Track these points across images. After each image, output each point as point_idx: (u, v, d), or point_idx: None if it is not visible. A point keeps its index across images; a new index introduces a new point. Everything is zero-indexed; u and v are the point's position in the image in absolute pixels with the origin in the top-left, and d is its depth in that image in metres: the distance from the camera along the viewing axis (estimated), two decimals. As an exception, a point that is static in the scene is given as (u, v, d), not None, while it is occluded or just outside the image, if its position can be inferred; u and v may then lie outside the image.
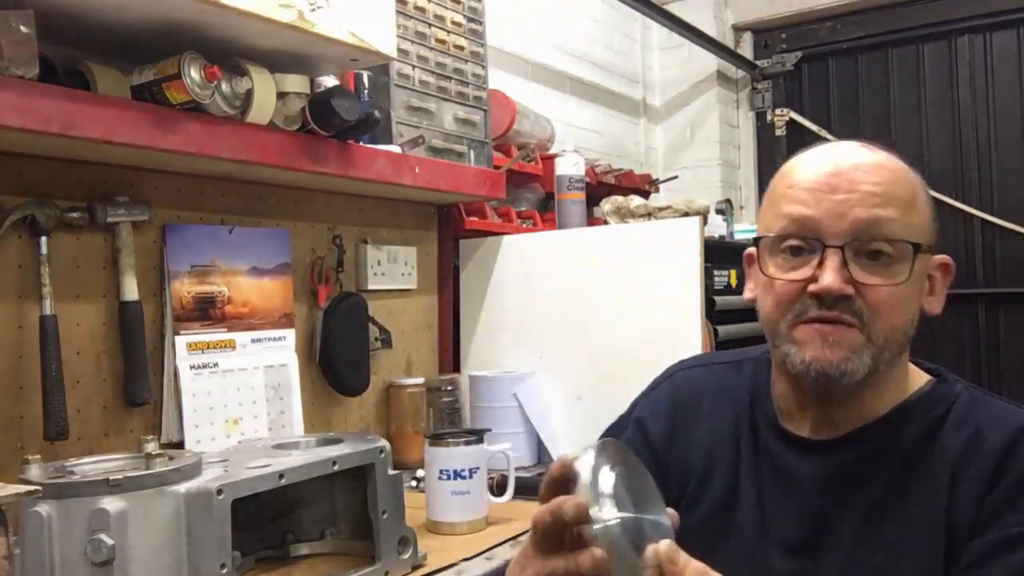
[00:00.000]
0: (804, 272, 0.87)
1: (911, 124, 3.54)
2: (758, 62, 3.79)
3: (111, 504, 0.99)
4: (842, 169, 0.88)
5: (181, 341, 1.53)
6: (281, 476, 1.14)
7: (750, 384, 1.02)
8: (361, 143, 1.67)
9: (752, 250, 0.96)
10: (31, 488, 0.92)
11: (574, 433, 1.95)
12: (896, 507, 0.88)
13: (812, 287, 0.86)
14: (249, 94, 1.40)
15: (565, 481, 0.71)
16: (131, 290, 1.44)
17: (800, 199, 0.89)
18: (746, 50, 3.80)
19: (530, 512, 0.74)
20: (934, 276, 0.93)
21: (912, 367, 0.95)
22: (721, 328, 2.21)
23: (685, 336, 1.87)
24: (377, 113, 1.60)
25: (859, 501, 0.89)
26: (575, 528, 0.69)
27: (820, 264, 0.86)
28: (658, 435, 1.03)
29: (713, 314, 2.13)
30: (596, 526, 0.67)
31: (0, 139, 1.22)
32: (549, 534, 0.71)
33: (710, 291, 2.19)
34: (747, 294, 0.98)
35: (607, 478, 0.70)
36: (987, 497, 0.83)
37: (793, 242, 0.89)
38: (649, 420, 1.05)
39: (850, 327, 0.86)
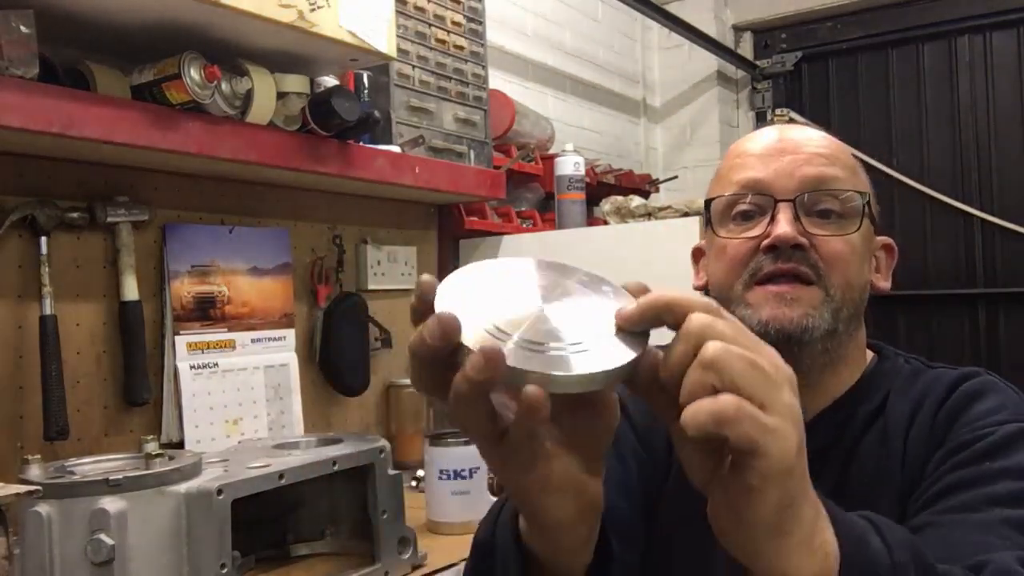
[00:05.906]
0: (757, 231, 0.88)
1: (911, 124, 3.54)
2: (758, 62, 3.78)
3: (111, 504, 0.99)
4: (789, 136, 0.91)
5: (181, 341, 1.53)
6: (281, 476, 1.14)
7: None
8: (361, 143, 1.66)
9: (700, 243, 0.97)
10: (31, 488, 0.92)
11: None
12: (853, 492, 0.84)
13: (766, 241, 0.86)
14: (249, 94, 1.40)
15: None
16: (131, 290, 1.44)
17: (749, 165, 0.90)
18: (746, 50, 3.80)
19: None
20: (879, 256, 0.94)
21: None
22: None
23: (685, 336, 1.87)
24: (377, 113, 1.60)
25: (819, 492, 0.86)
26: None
27: (772, 220, 0.86)
28: (639, 415, 0.93)
29: (713, 314, 2.13)
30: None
31: (0, 139, 1.22)
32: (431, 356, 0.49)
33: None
34: (695, 282, 1.00)
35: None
36: (936, 448, 0.81)
37: (744, 206, 0.89)
38: (628, 399, 0.89)
39: (807, 284, 0.85)
